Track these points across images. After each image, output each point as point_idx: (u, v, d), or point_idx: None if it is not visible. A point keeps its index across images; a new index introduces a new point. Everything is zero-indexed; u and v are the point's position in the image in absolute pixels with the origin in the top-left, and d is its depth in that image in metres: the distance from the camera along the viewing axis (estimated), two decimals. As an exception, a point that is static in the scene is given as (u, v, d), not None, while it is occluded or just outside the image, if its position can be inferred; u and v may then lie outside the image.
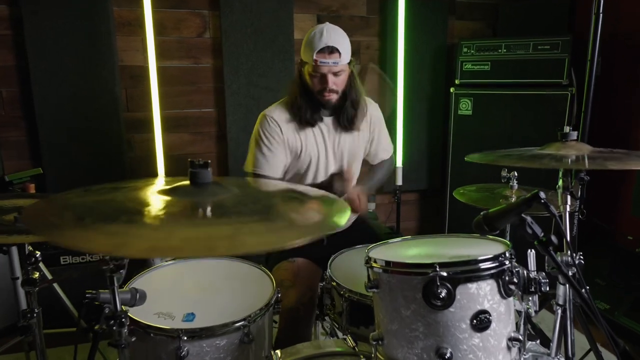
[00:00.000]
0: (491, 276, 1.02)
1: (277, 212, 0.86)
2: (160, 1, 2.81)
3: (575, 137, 1.27)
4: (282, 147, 1.86)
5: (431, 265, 1.00)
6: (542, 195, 0.99)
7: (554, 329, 1.24)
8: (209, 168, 0.90)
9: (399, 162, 3.30)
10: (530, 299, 1.11)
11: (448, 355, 0.99)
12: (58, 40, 2.63)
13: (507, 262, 1.04)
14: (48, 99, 2.67)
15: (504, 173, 1.81)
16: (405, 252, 1.25)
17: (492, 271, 1.02)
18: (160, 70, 2.85)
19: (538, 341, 1.17)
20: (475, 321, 1.00)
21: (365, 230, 1.97)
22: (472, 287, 1.01)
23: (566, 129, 1.26)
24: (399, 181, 3.26)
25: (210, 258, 1.69)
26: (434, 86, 3.42)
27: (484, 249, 1.10)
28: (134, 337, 1.06)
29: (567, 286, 1.19)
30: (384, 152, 2.13)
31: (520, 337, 1.05)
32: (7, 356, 2.24)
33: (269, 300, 1.38)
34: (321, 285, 1.64)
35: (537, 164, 1.17)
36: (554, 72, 2.88)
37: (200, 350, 1.24)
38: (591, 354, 1.62)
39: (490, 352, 1.02)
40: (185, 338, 1.21)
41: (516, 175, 1.80)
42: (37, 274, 1.35)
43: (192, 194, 0.88)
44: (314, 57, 1.72)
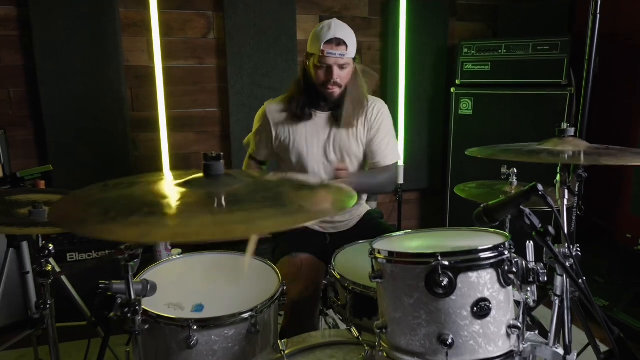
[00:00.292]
0: (491, 265, 1.05)
1: (288, 199, 0.90)
2: (166, 2, 2.85)
3: (572, 133, 1.30)
4: (267, 136, 1.97)
5: (433, 255, 1.03)
6: (540, 187, 1.03)
7: (552, 319, 1.28)
8: (222, 160, 0.94)
9: (401, 161, 3.33)
10: (529, 289, 1.14)
11: (450, 341, 1.03)
12: (65, 41, 2.67)
13: (506, 252, 1.07)
14: (55, 98, 2.71)
15: (503, 170, 1.84)
16: (408, 244, 1.29)
17: (491, 261, 1.05)
18: (166, 70, 2.89)
19: (537, 332, 1.20)
20: (475, 309, 1.04)
21: (368, 228, 1.99)
22: (473, 276, 1.04)
23: (564, 125, 1.30)
24: (401, 180, 3.29)
25: (217, 253, 1.73)
26: (434, 86, 3.45)
27: (484, 241, 1.13)
28: (147, 325, 1.10)
29: (565, 277, 1.22)
30: (383, 157, 1.96)
31: (519, 324, 1.08)
32: (13, 351, 2.28)
33: (275, 292, 1.42)
34: (325, 282, 1.67)
35: (535, 158, 1.21)
36: (553, 72, 2.92)
37: (209, 340, 1.28)
38: (590, 349, 1.67)
39: (490, 338, 1.05)
40: (195, 327, 1.25)
41: (515, 171, 1.84)
42: (50, 266, 1.39)
43: (206, 185, 0.92)
44: (322, 48, 1.74)
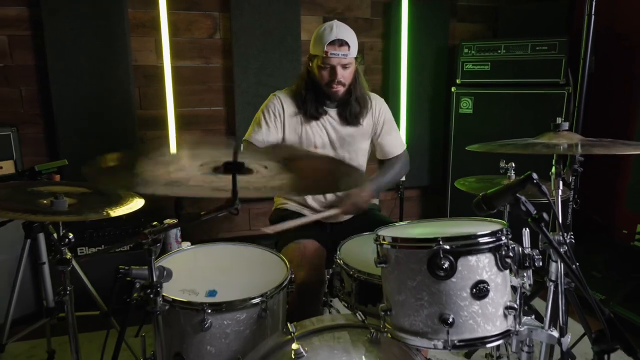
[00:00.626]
0: (489, 250, 1.13)
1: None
2: (173, 3, 2.92)
3: (566, 127, 1.37)
4: (279, 125, 1.98)
5: (435, 240, 1.10)
6: (535, 175, 1.10)
7: (547, 303, 1.35)
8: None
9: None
10: (525, 274, 1.21)
11: (450, 320, 1.10)
12: (76, 41, 2.73)
13: (503, 237, 1.15)
14: (65, 97, 2.77)
15: (502, 164, 1.91)
16: (411, 231, 1.36)
17: (489, 245, 1.13)
18: (173, 69, 2.95)
19: (533, 316, 1.27)
20: (474, 290, 1.11)
21: (370, 219, 2.06)
22: (472, 259, 1.11)
23: (558, 120, 1.37)
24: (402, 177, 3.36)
25: (226, 243, 1.80)
26: (435, 86, 3.52)
27: (483, 228, 1.20)
28: (167, 306, 1.17)
29: (559, 262, 1.29)
30: (393, 148, 2.13)
31: (515, 306, 1.16)
32: (25, 342, 2.33)
33: (284, 279, 1.49)
34: (331, 271, 1.74)
35: (530, 150, 1.28)
36: (551, 71, 2.98)
37: (222, 323, 1.34)
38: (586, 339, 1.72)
39: (489, 318, 1.13)
40: (209, 311, 1.32)
41: (514, 166, 1.90)
42: (69, 254, 1.45)
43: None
44: (325, 49, 1.82)
